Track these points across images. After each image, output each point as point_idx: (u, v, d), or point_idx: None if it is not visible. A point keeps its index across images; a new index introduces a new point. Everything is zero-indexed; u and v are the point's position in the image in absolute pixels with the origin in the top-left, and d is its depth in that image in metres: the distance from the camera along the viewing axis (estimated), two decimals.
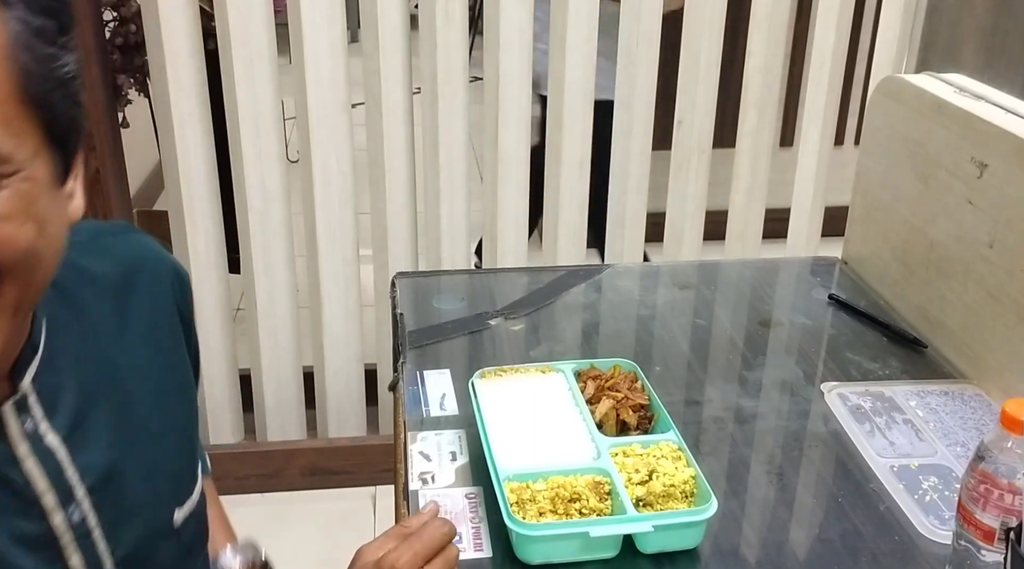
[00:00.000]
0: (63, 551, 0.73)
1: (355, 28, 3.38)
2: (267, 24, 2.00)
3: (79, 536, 0.74)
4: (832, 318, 1.42)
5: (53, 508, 0.72)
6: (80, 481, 0.74)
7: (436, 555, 0.82)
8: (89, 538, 0.75)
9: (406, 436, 1.11)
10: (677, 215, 2.38)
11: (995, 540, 0.82)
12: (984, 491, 0.81)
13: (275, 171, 2.11)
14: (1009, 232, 1.16)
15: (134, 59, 2.43)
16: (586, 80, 2.14)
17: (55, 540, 0.73)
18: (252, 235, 2.15)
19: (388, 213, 2.18)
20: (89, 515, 0.75)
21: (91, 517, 0.75)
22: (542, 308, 1.43)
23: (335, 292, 2.23)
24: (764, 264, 1.65)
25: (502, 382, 1.11)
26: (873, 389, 1.22)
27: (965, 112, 1.25)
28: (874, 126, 1.48)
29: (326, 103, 2.06)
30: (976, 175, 1.22)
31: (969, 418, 1.16)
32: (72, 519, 0.73)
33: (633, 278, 1.52)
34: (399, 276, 1.53)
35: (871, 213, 1.50)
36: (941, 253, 1.31)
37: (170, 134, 2.05)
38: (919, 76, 1.42)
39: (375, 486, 2.30)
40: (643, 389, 1.10)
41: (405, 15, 2.04)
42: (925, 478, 1.05)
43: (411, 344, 1.31)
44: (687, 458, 0.97)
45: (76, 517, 0.74)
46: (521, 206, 2.22)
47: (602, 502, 0.93)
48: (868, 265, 1.51)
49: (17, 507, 0.70)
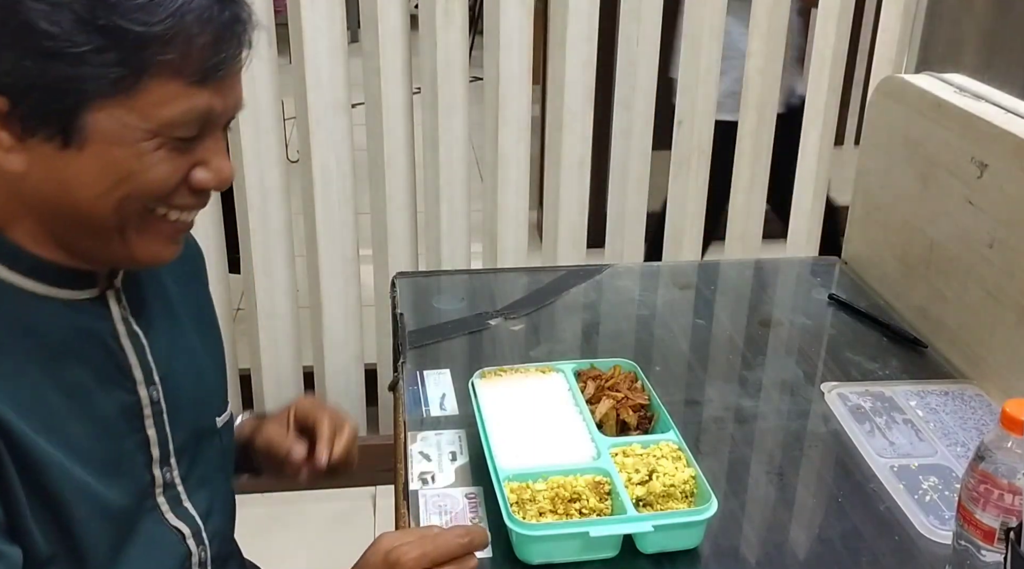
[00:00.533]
0: (144, 422, 0.86)
1: (355, 28, 3.37)
2: (267, 24, 2.00)
3: (155, 413, 0.86)
4: (832, 318, 1.41)
5: (141, 382, 0.85)
6: (156, 366, 0.86)
7: (449, 561, 0.83)
8: (162, 416, 0.87)
9: (406, 436, 1.11)
10: (677, 215, 2.38)
11: (995, 540, 0.82)
12: (984, 491, 0.81)
13: (275, 171, 2.11)
14: (1009, 232, 1.16)
15: None
16: (586, 80, 2.14)
17: (140, 410, 0.85)
18: (252, 235, 2.15)
19: (388, 213, 2.18)
20: (162, 398, 0.87)
21: (163, 400, 0.87)
22: (542, 308, 1.43)
23: (335, 292, 2.22)
24: (764, 264, 1.65)
25: (502, 382, 1.11)
26: (873, 389, 1.22)
27: (965, 112, 1.25)
28: (874, 126, 1.48)
29: (326, 103, 2.06)
30: (976, 175, 1.22)
31: (969, 418, 1.16)
32: (152, 396, 0.86)
33: (633, 278, 1.52)
34: (399, 276, 1.53)
35: (871, 213, 1.50)
36: (941, 253, 1.31)
37: None
38: (919, 76, 1.42)
39: (375, 486, 2.30)
40: (643, 389, 1.10)
41: (405, 15, 2.04)
42: (925, 478, 1.05)
43: (411, 344, 1.31)
44: (687, 458, 0.97)
45: (155, 395, 0.86)
46: (521, 206, 2.22)
47: (602, 502, 0.93)
48: (868, 265, 1.51)
49: (118, 378, 0.84)
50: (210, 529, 0.93)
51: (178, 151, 0.76)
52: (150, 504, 0.87)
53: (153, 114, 0.72)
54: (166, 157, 0.75)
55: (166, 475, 0.88)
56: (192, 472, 0.92)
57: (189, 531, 0.90)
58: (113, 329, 0.84)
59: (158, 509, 0.88)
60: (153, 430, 0.86)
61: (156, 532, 0.87)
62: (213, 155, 0.78)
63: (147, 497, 0.87)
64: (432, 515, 0.98)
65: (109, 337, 0.83)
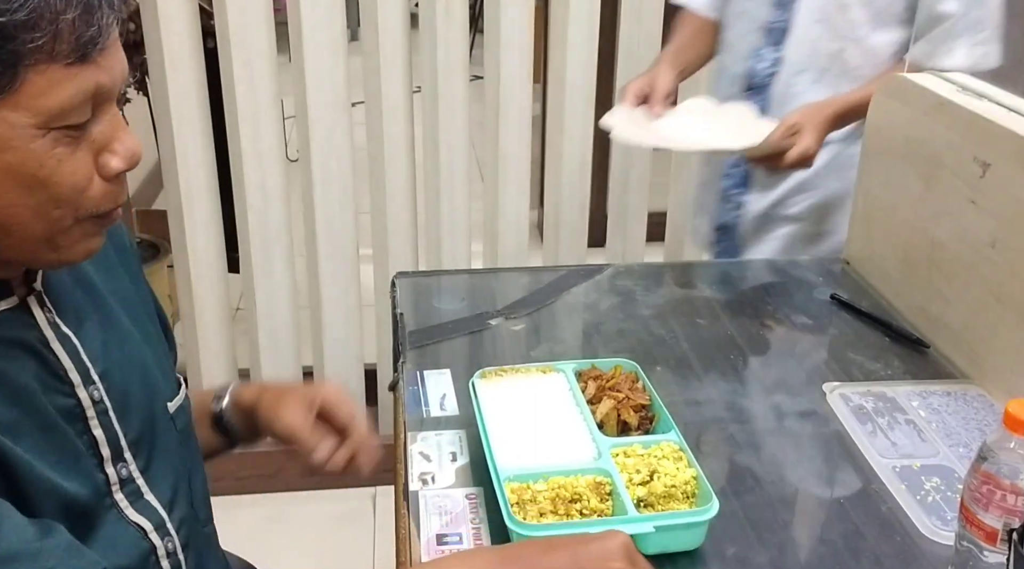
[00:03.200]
0: (89, 423, 0.84)
1: (355, 27, 3.36)
2: (267, 23, 2.00)
3: (99, 412, 0.85)
4: (834, 318, 1.41)
5: (79, 383, 0.83)
6: (92, 366, 0.85)
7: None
8: (108, 415, 0.86)
9: (406, 436, 1.11)
10: (677, 215, 2.38)
11: (998, 541, 0.81)
12: (987, 492, 0.81)
13: (275, 171, 2.11)
14: (1012, 232, 1.16)
15: (133, 58, 2.42)
16: (587, 79, 2.13)
17: (83, 412, 0.84)
18: (252, 235, 2.15)
19: (388, 213, 2.17)
20: (104, 396, 0.85)
21: (105, 398, 0.86)
22: (543, 308, 1.43)
23: (335, 292, 2.22)
24: (765, 264, 1.64)
25: (503, 382, 1.11)
26: (875, 389, 1.22)
27: (968, 111, 1.24)
28: (876, 125, 1.47)
29: (326, 102, 2.05)
30: (979, 174, 1.21)
31: (972, 419, 1.16)
32: (93, 396, 0.84)
33: (634, 278, 1.52)
34: (399, 276, 1.53)
35: (873, 213, 1.49)
36: (943, 253, 1.30)
37: (169, 133, 2.04)
38: (921, 75, 1.42)
39: (375, 486, 2.30)
40: (644, 389, 1.10)
41: (405, 13, 2.04)
42: (927, 479, 1.04)
43: (411, 344, 1.31)
44: (688, 458, 0.97)
45: (96, 394, 0.85)
46: (522, 205, 2.22)
47: (603, 503, 0.93)
48: (870, 265, 1.51)
49: (55, 383, 0.82)
50: (175, 518, 0.92)
51: (76, 142, 0.72)
52: (108, 502, 0.86)
53: (39, 106, 0.69)
54: (67, 154, 0.72)
55: (122, 472, 0.87)
56: (152, 464, 0.91)
57: (151, 525, 0.89)
58: (42, 336, 0.81)
59: (116, 507, 0.87)
60: (100, 430, 0.85)
61: (115, 531, 0.86)
62: (115, 135, 0.75)
63: (104, 496, 0.86)
64: (432, 516, 0.98)
65: (39, 344, 0.81)
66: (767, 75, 1.65)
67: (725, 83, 1.73)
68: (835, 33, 1.59)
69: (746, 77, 1.67)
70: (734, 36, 1.71)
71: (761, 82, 1.66)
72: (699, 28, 1.77)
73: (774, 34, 1.63)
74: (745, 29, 1.68)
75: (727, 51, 1.73)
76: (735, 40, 1.71)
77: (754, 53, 1.66)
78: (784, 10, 1.62)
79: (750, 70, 1.67)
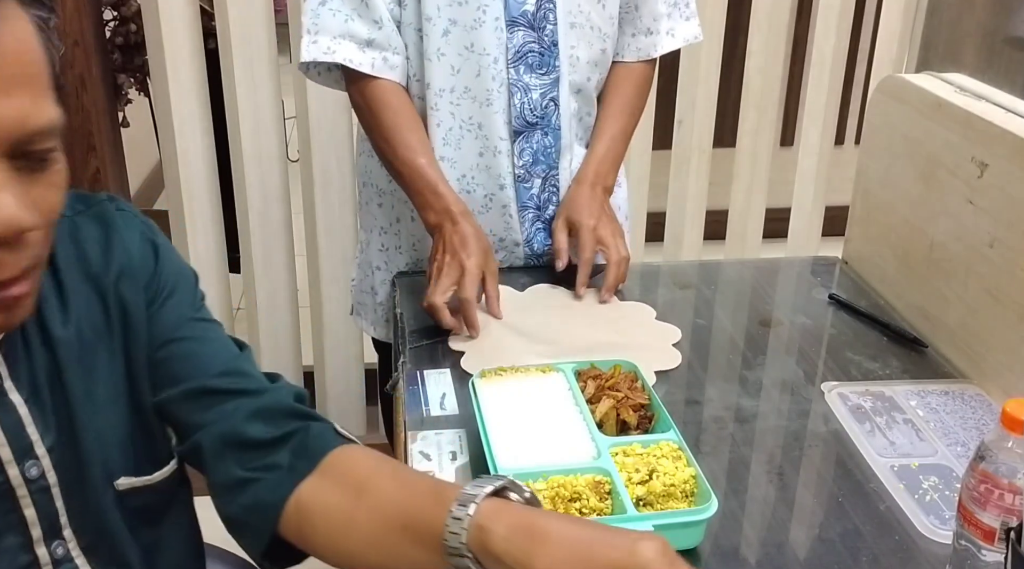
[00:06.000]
0: (18, 502, 0.77)
1: None
2: (267, 24, 2.00)
3: (35, 490, 0.78)
4: (832, 318, 1.41)
5: (9, 462, 0.76)
6: (41, 439, 0.77)
7: None
8: (47, 493, 0.79)
9: (406, 436, 1.11)
10: (677, 215, 2.38)
11: (996, 540, 0.82)
12: (985, 491, 0.81)
13: (275, 171, 2.11)
14: (1010, 232, 1.16)
15: (134, 58, 2.43)
16: None
17: (11, 491, 0.77)
18: (252, 235, 2.15)
19: None
20: (49, 472, 0.78)
21: (51, 474, 0.78)
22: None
23: (335, 292, 2.22)
24: (764, 264, 1.65)
25: (502, 382, 1.11)
26: (873, 389, 1.22)
27: (966, 112, 1.25)
28: (874, 126, 1.48)
29: (326, 103, 2.06)
30: (977, 175, 1.22)
31: (969, 418, 1.16)
32: (29, 474, 0.77)
33: (633, 278, 1.52)
34: (399, 276, 1.53)
35: (871, 213, 1.50)
36: (941, 253, 1.31)
37: (170, 133, 2.05)
38: (919, 75, 1.42)
39: None
40: (643, 389, 1.10)
41: None
42: (925, 478, 1.05)
43: (411, 344, 1.31)
44: (687, 458, 0.97)
45: (34, 472, 0.78)
46: None
47: (602, 502, 0.93)
48: (868, 265, 1.51)
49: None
50: None
51: None
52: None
53: None
54: None
55: (56, 551, 0.80)
56: (102, 540, 0.83)
57: None
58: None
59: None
60: (31, 509, 0.78)
61: None
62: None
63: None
64: None
65: None
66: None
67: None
68: None
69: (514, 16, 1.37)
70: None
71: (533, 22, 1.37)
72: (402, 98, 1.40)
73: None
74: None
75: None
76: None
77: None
78: None
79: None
